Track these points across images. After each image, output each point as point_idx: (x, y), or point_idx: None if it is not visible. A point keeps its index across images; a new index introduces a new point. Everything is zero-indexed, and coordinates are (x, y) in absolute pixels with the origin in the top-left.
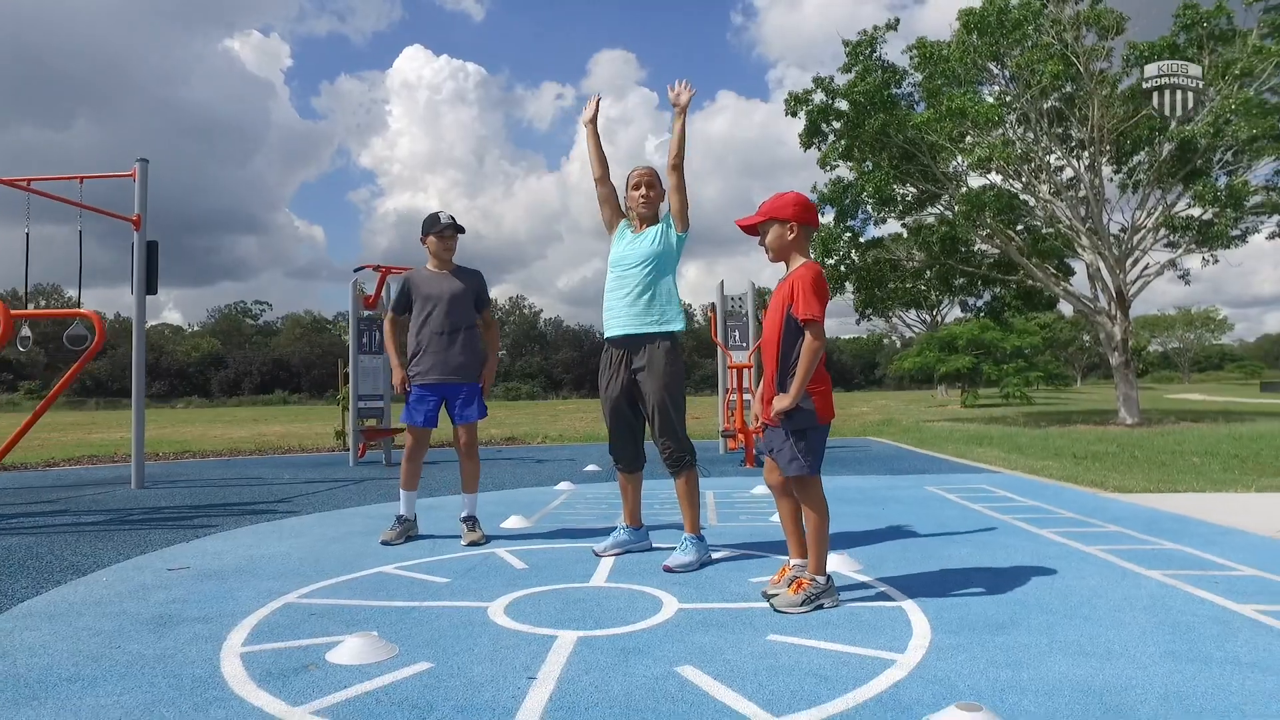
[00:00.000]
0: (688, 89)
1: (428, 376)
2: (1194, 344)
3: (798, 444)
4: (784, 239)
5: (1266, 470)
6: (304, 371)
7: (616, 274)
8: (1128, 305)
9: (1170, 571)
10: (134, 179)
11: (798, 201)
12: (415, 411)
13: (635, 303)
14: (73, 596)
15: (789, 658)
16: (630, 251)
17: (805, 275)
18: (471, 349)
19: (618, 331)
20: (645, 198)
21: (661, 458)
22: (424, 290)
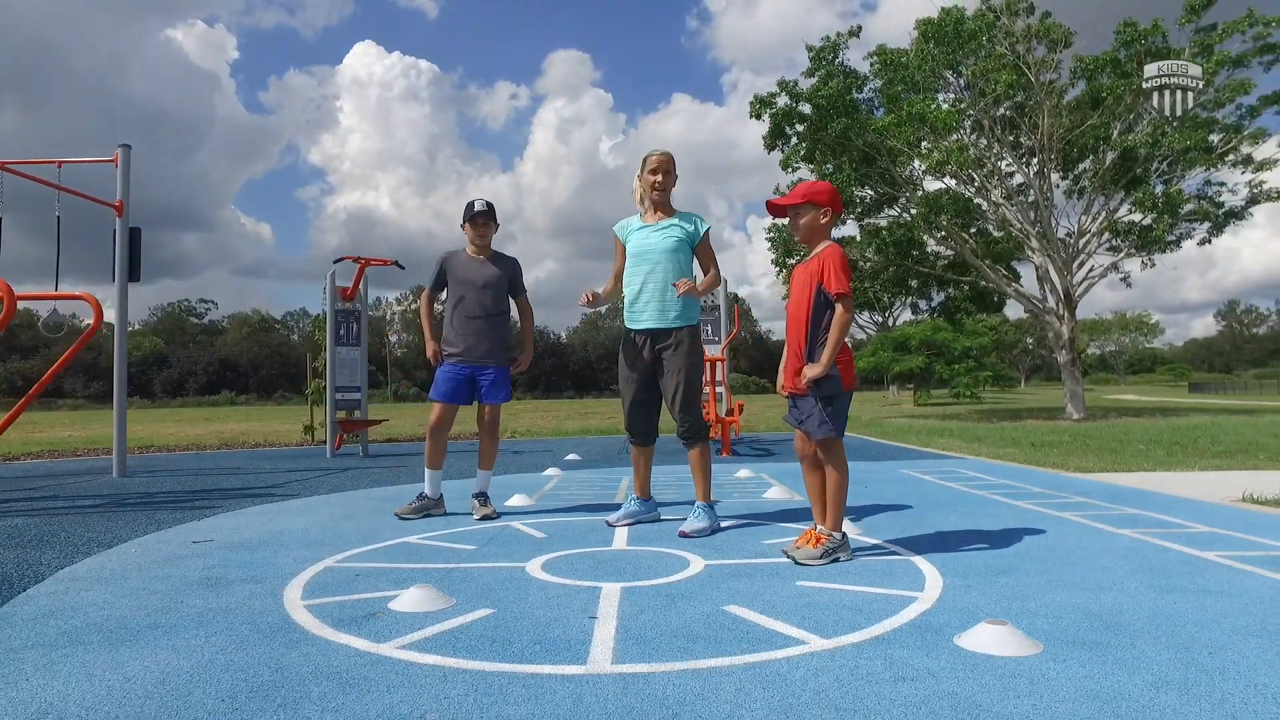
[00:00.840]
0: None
1: (459, 357)
2: (1129, 347)
3: (826, 409)
4: (818, 222)
5: (1204, 454)
6: (252, 372)
7: (647, 260)
8: (1074, 305)
9: (1138, 530)
10: (115, 165)
11: (832, 190)
12: (443, 387)
13: (661, 295)
14: (110, 565)
15: (822, 597)
16: (652, 243)
17: (835, 254)
18: (502, 334)
19: (646, 325)
20: (661, 185)
21: (679, 431)
22: (459, 274)
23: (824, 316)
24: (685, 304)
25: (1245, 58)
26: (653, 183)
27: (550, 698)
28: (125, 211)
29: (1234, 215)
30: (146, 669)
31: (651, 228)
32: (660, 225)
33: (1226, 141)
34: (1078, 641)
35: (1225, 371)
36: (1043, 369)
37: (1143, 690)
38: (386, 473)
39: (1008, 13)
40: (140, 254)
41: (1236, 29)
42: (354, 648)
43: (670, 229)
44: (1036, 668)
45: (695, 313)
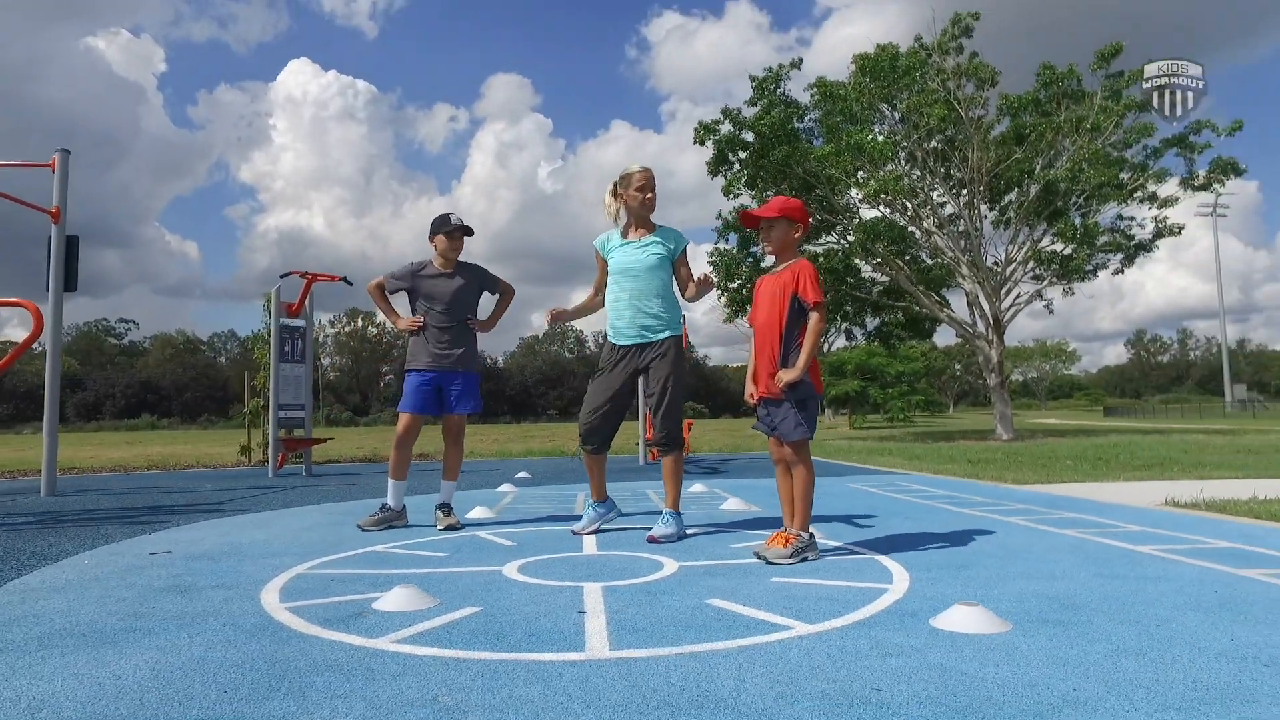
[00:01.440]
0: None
1: (426, 365)
2: (1049, 374)
3: (800, 412)
4: (790, 236)
5: (1126, 467)
6: (175, 394)
7: (630, 279)
8: (1003, 330)
9: (1078, 530)
10: (53, 170)
11: (804, 207)
12: (412, 398)
13: (647, 310)
14: (63, 576)
15: (798, 590)
16: (634, 260)
17: (808, 268)
18: (469, 341)
19: (629, 341)
20: (648, 201)
21: (657, 438)
22: (427, 289)
23: (798, 325)
24: (669, 316)
25: (1149, 103)
26: (642, 200)
27: (557, 680)
28: (62, 218)
29: (1143, 248)
30: (135, 667)
31: (634, 244)
32: (642, 242)
33: (1135, 179)
34: (1042, 620)
35: (1135, 397)
36: (970, 394)
37: (1105, 656)
38: (336, 489)
39: (939, 51)
40: (77, 263)
41: (1140, 77)
42: (348, 643)
43: (651, 246)
44: (1009, 642)
45: (678, 323)
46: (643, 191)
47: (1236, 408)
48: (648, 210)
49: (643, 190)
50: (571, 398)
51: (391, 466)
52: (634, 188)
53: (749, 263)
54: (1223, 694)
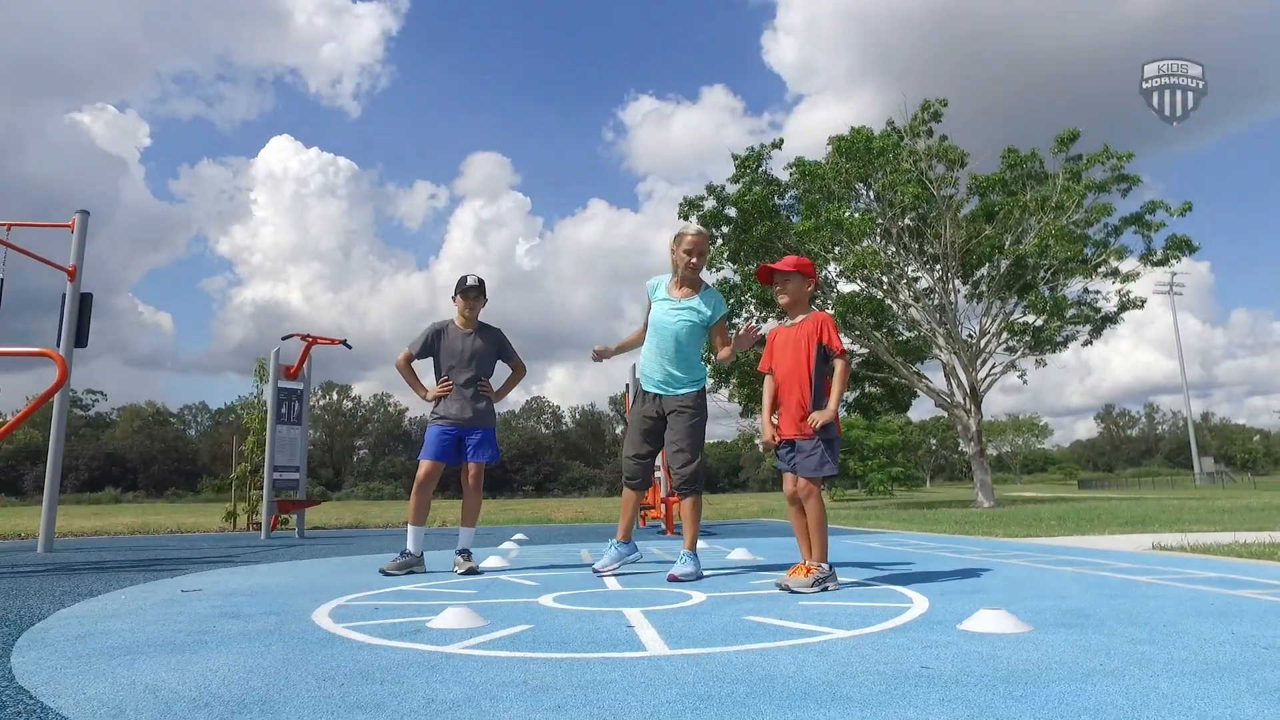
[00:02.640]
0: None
1: (450, 420)
2: (1022, 448)
3: (829, 450)
4: (803, 290)
5: (1109, 524)
6: (142, 467)
7: (659, 337)
8: (980, 400)
9: (1075, 568)
10: (72, 230)
11: (811, 264)
12: (433, 446)
13: (673, 365)
14: (110, 606)
15: (828, 609)
16: (672, 319)
17: (830, 320)
18: (488, 400)
19: (655, 389)
20: (694, 266)
21: (675, 482)
22: (448, 347)
23: (823, 371)
24: (691, 375)
25: (1107, 184)
26: (688, 263)
27: (633, 668)
28: (79, 276)
29: (1109, 320)
30: (227, 665)
31: (673, 303)
32: (681, 304)
33: (1098, 255)
34: (1060, 624)
35: (1108, 470)
36: (945, 469)
37: (1123, 644)
38: (337, 546)
39: (910, 134)
40: (89, 320)
41: (1097, 160)
42: (421, 649)
43: (688, 312)
44: (1035, 638)
45: (702, 377)
46: (689, 255)
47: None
48: (691, 273)
49: (690, 254)
50: (548, 473)
51: (411, 512)
52: (683, 248)
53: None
54: (1231, 666)
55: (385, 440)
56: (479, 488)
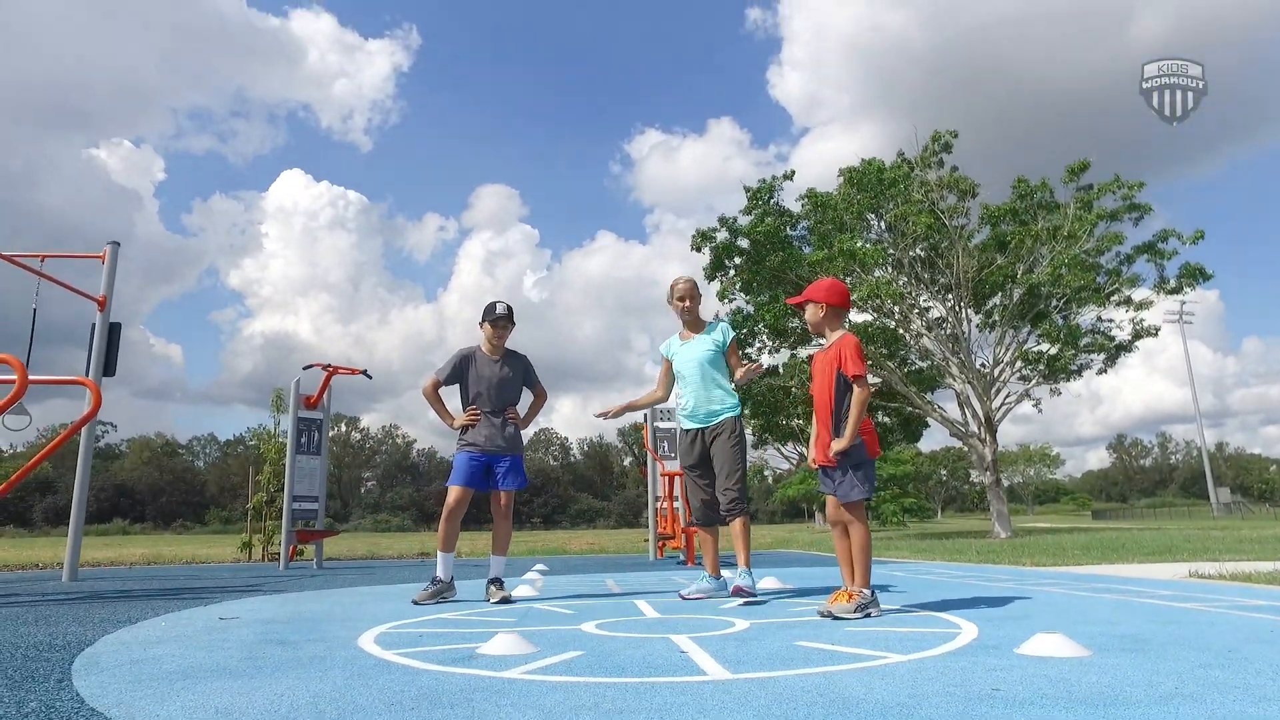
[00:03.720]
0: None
1: (476, 447)
2: (1034, 479)
3: (856, 474)
4: (817, 315)
5: (1135, 554)
6: (150, 499)
7: (689, 373)
8: (995, 429)
9: (1115, 595)
10: (103, 261)
11: (829, 288)
12: (462, 472)
13: (710, 396)
14: (153, 633)
15: (876, 634)
16: (692, 355)
17: (849, 343)
18: (516, 425)
19: (698, 424)
20: (689, 309)
21: (723, 505)
22: (478, 372)
23: (845, 398)
24: (729, 400)
25: (1118, 213)
26: (682, 308)
27: (700, 692)
28: (108, 306)
29: (1123, 348)
30: (290, 690)
31: (689, 345)
32: (695, 341)
33: (1111, 284)
34: (1118, 649)
35: (1121, 501)
36: (956, 500)
37: (1192, 669)
38: (359, 575)
39: (921, 165)
40: (118, 349)
41: (1108, 189)
42: (480, 675)
43: (702, 343)
44: (1098, 662)
45: (737, 403)
46: (682, 301)
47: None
48: (689, 316)
49: (682, 300)
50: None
51: (441, 539)
52: (676, 297)
53: None
54: None
55: (393, 472)
56: (509, 515)
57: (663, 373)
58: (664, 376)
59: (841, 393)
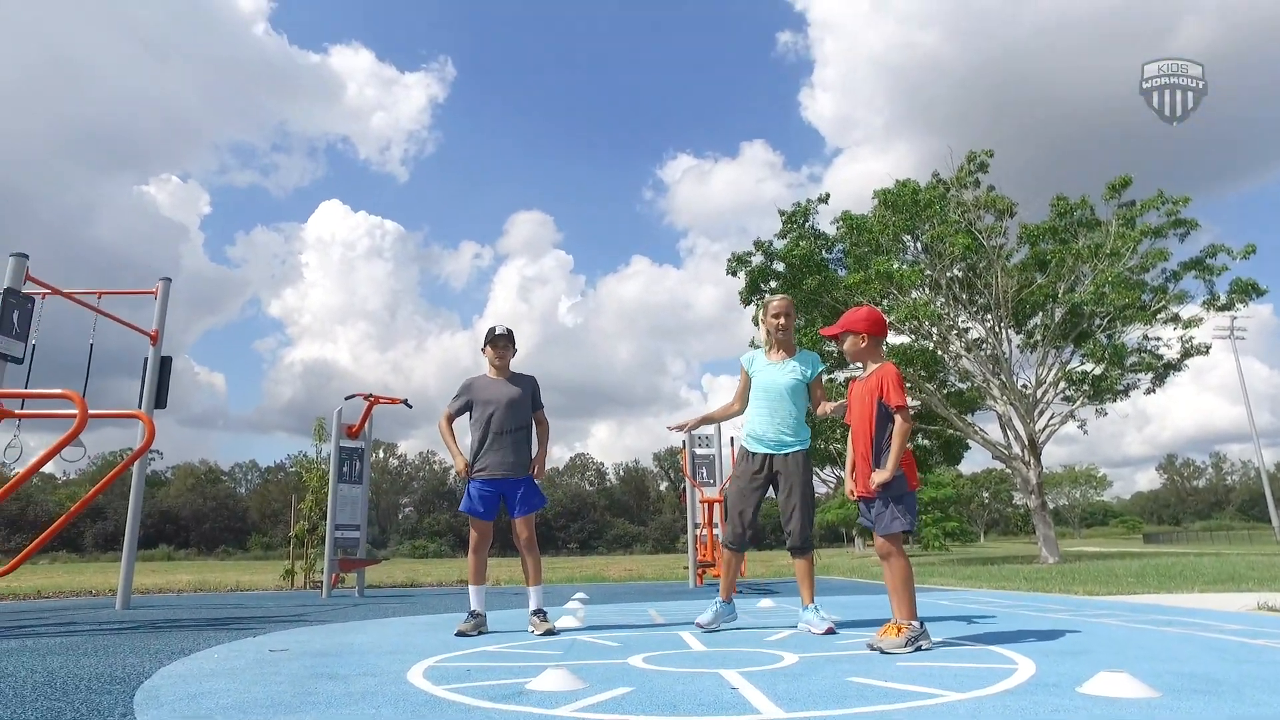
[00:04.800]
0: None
1: (489, 472)
2: (1080, 501)
3: (897, 507)
4: (857, 346)
5: (1195, 582)
6: (194, 525)
7: (770, 398)
8: (1039, 452)
9: (1179, 629)
10: (155, 296)
11: (867, 318)
12: (477, 503)
13: (784, 425)
14: (206, 666)
15: (930, 670)
16: (777, 379)
17: (890, 373)
18: (527, 448)
19: (766, 450)
20: (782, 327)
21: (791, 543)
22: (483, 396)
23: (886, 427)
24: (802, 432)
25: (1163, 229)
26: (777, 325)
27: None
28: (160, 340)
29: (1172, 367)
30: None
31: (777, 365)
32: (784, 364)
33: (1157, 301)
34: (1189, 690)
35: (1174, 523)
36: (1000, 523)
37: (1274, 715)
38: (401, 604)
39: (957, 185)
40: (169, 383)
41: (1152, 205)
42: (532, 713)
43: (792, 368)
44: (1169, 704)
45: (808, 437)
46: (777, 319)
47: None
48: (784, 335)
49: (777, 318)
50: (592, 530)
51: (471, 574)
52: (771, 314)
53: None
54: None
55: (430, 498)
56: (533, 546)
57: (741, 386)
58: (742, 390)
59: (882, 423)
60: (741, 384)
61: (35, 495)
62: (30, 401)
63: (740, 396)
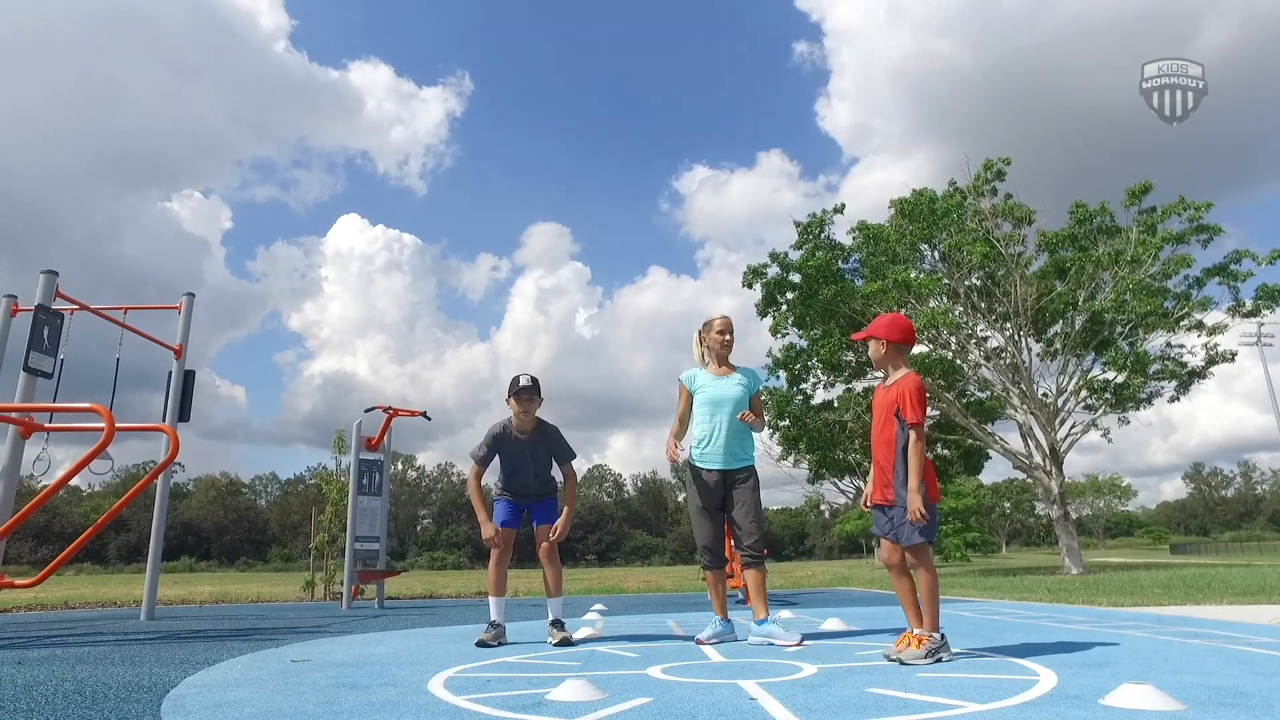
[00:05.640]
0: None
1: (510, 494)
2: (1104, 510)
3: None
4: (880, 352)
5: (1224, 594)
6: (215, 537)
7: (719, 411)
8: (1061, 461)
9: (1205, 641)
10: (179, 311)
11: (891, 323)
12: (501, 515)
13: (736, 440)
14: (229, 676)
15: (950, 681)
16: (725, 391)
17: (910, 385)
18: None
19: (718, 465)
20: (726, 343)
21: (745, 556)
22: (509, 451)
23: (904, 438)
24: (749, 445)
25: (1185, 235)
26: (722, 341)
27: None
28: (184, 355)
29: (1197, 374)
30: None
31: (722, 380)
32: (729, 378)
33: (1180, 308)
34: (1217, 703)
35: (1202, 534)
36: (1022, 533)
37: None
38: (421, 616)
39: (974, 194)
40: (192, 396)
41: (1173, 211)
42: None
43: (737, 380)
44: (1192, 717)
45: (754, 450)
46: (723, 335)
47: None
48: (727, 351)
49: (723, 334)
50: (610, 542)
51: (491, 585)
52: (715, 331)
53: (799, 401)
54: None
55: (448, 510)
56: (554, 555)
57: (683, 408)
58: (684, 411)
59: (902, 434)
60: (682, 405)
61: (62, 508)
62: (58, 415)
63: (682, 418)
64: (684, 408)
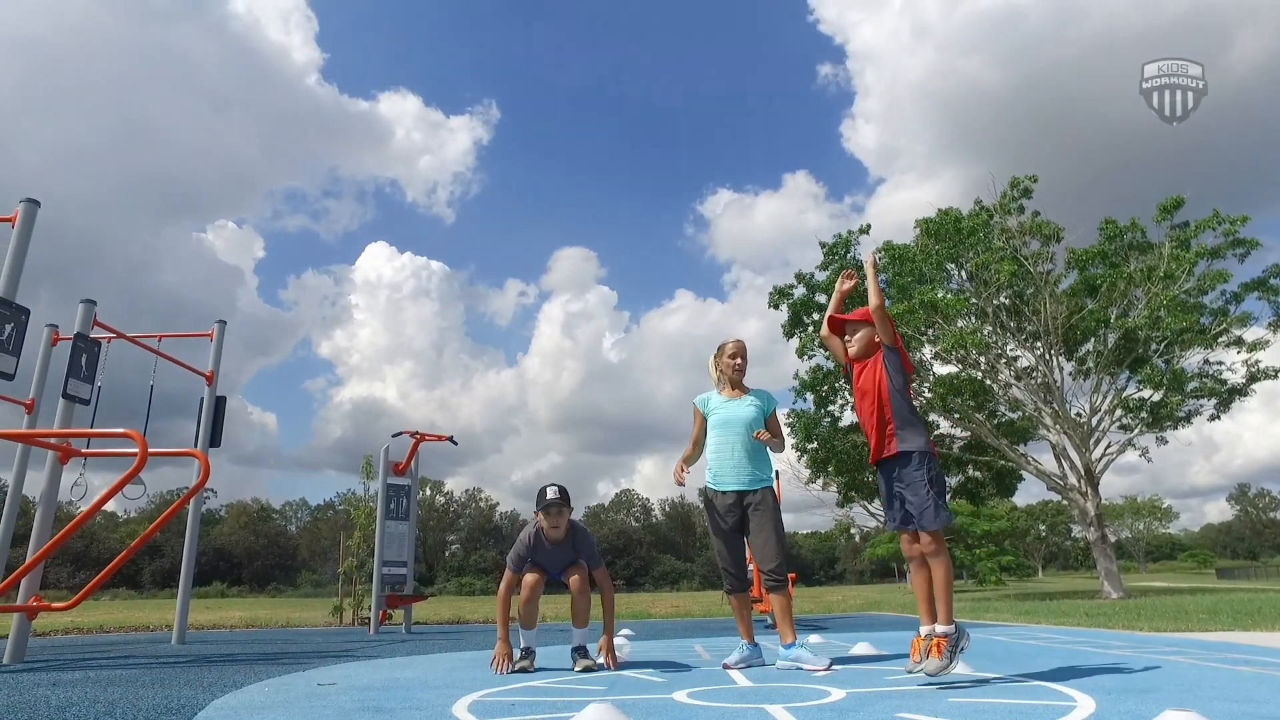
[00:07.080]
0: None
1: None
2: (1144, 533)
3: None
4: (871, 340)
5: (1276, 621)
6: (246, 562)
7: (733, 432)
8: (1096, 482)
9: (1256, 668)
10: (211, 339)
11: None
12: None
13: (752, 461)
14: (256, 700)
15: (984, 707)
16: (738, 412)
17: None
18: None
19: (733, 487)
20: (740, 367)
21: (771, 580)
22: (541, 560)
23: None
24: (765, 466)
25: (1220, 250)
26: (734, 365)
27: None
28: (215, 381)
29: (1237, 392)
30: None
31: (734, 402)
32: (741, 400)
33: (1218, 324)
34: None
35: (1250, 558)
36: (1058, 557)
37: None
38: (448, 641)
39: (1001, 212)
40: (223, 422)
41: (1208, 225)
42: None
43: (750, 402)
44: None
45: (771, 473)
46: (734, 359)
47: None
48: (740, 375)
49: (734, 358)
50: (638, 567)
51: (522, 620)
52: (726, 355)
53: (826, 424)
54: None
55: (476, 535)
56: (584, 587)
57: (697, 431)
58: (698, 434)
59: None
60: (696, 428)
61: (98, 534)
62: (94, 441)
63: (696, 441)
64: (698, 430)
